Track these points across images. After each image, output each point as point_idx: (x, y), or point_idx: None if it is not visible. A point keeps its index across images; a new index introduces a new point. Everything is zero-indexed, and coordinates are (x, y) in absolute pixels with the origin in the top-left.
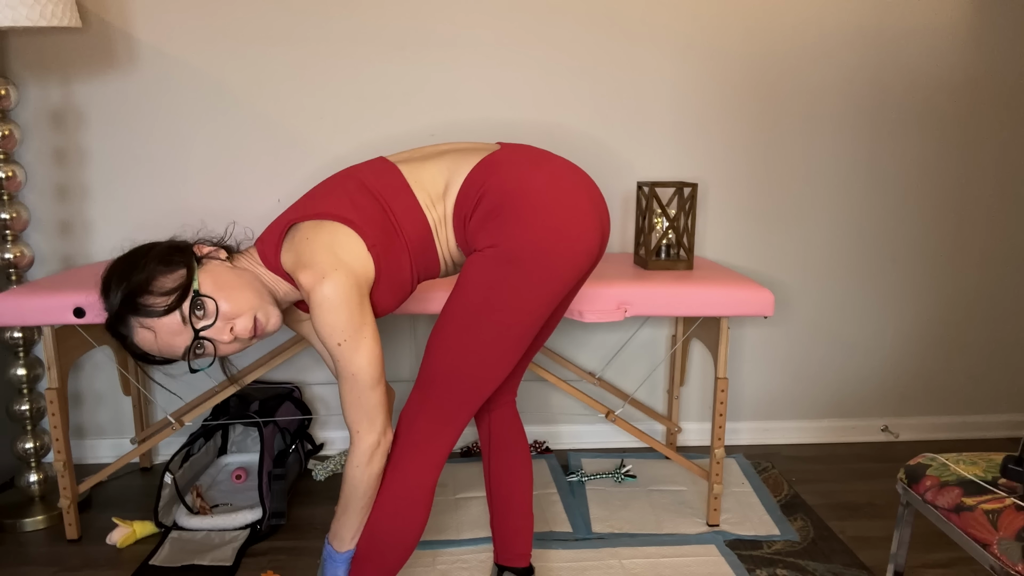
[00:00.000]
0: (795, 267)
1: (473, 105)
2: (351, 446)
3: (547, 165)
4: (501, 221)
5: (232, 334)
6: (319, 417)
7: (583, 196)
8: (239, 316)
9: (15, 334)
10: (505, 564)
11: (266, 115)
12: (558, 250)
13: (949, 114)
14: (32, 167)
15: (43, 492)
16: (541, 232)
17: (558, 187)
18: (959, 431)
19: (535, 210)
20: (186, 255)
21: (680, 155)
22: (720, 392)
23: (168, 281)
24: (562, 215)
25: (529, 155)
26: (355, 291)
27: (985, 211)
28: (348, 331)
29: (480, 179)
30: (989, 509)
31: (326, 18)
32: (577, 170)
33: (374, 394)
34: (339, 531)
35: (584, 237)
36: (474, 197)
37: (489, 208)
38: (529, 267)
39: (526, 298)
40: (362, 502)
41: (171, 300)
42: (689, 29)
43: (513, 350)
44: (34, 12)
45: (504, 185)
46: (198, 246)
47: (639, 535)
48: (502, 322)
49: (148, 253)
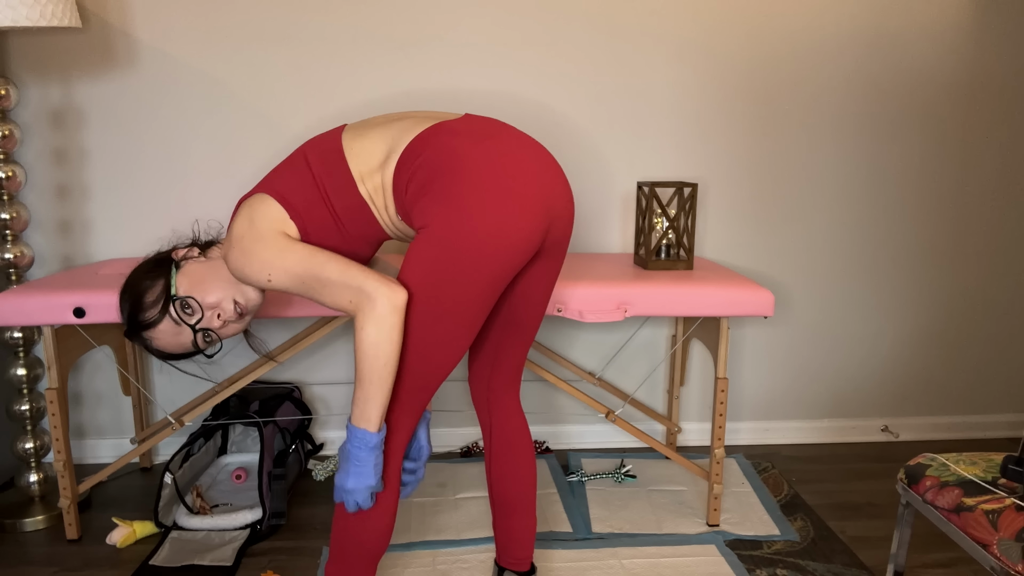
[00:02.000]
0: (795, 267)
1: (473, 105)
2: (357, 316)
3: (490, 140)
4: (431, 199)
5: (221, 320)
6: (319, 417)
7: (527, 176)
8: (219, 303)
9: (15, 334)
10: (506, 566)
11: (266, 115)
12: (489, 235)
13: (949, 114)
14: (32, 167)
15: (43, 492)
16: (470, 214)
17: (495, 164)
18: (959, 431)
19: (465, 189)
20: (164, 265)
21: (680, 155)
22: (720, 392)
23: (151, 295)
24: (495, 196)
25: (477, 127)
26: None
27: (984, 211)
28: (269, 263)
29: (418, 150)
30: (989, 509)
31: (326, 18)
32: (528, 146)
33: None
34: (366, 410)
35: (520, 221)
36: (409, 169)
37: (421, 183)
38: (460, 251)
39: (462, 283)
40: (377, 370)
41: (157, 311)
42: (689, 29)
43: (461, 335)
44: (34, 12)
45: (437, 159)
46: (175, 251)
47: (639, 535)
48: (441, 307)
49: (136, 273)
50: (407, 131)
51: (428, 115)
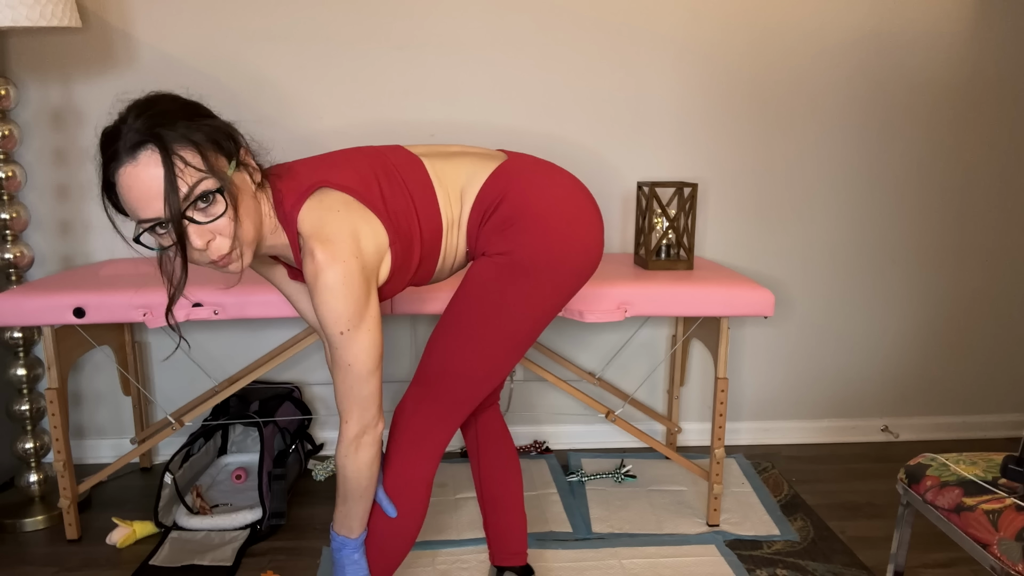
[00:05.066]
0: (795, 267)
1: (473, 105)
2: (339, 434)
3: (559, 179)
4: (518, 230)
5: (205, 243)
6: (319, 417)
7: (590, 208)
8: (226, 237)
9: (15, 334)
10: (503, 564)
11: (266, 115)
12: (568, 262)
13: (949, 115)
14: (32, 167)
15: (43, 492)
16: (555, 244)
17: (570, 201)
18: (959, 431)
19: (551, 222)
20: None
21: (680, 155)
22: (720, 392)
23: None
24: (573, 226)
25: (540, 166)
26: (364, 283)
27: (985, 211)
28: (352, 321)
29: (499, 186)
30: (989, 509)
31: (326, 18)
32: (582, 184)
33: (369, 384)
34: (345, 520)
35: (591, 250)
36: (492, 203)
37: (506, 215)
38: (541, 276)
39: (535, 304)
40: (359, 490)
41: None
42: (689, 29)
43: (517, 352)
44: (34, 12)
45: (523, 196)
46: (245, 152)
47: (639, 535)
48: (511, 326)
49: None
50: (480, 168)
51: (483, 152)
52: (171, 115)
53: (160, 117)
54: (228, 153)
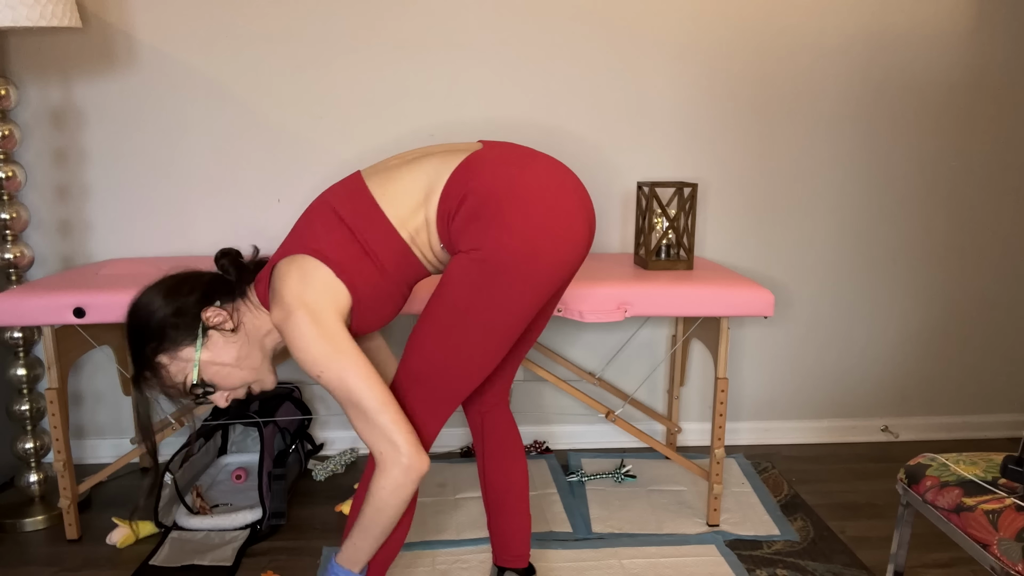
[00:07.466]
0: (795, 267)
1: (473, 105)
2: (378, 468)
3: (533, 165)
4: (484, 224)
5: (226, 399)
6: (319, 417)
7: (569, 196)
8: (236, 388)
9: (15, 334)
10: (505, 565)
11: (266, 115)
12: (542, 254)
13: (948, 114)
14: (32, 167)
15: (43, 492)
16: (525, 236)
17: (543, 188)
18: (959, 431)
19: (519, 213)
20: (192, 325)
21: (680, 155)
22: (720, 392)
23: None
24: (547, 218)
25: (514, 154)
26: (320, 325)
27: (984, 211)
28: (322, 362)
29: (463, 179)
30: (989, 509)
31: (326, 18)
32: (562, 168)
33: (384, 415)
34: (354, 554)
35: (570, 239)
36: (457, 198)
37: (472, 209)
38: (513, 271)
39: (511, 300)
40: (385, 526)
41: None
42: (689, 29)
43: (498, 349)
44: (34, 12)
45: (488, 186)
46: (205, 314)
47: (639, 535)
48: (487, 323)
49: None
50: (444, 164)
51: (451, 147)
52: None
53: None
54: (192, 336)
